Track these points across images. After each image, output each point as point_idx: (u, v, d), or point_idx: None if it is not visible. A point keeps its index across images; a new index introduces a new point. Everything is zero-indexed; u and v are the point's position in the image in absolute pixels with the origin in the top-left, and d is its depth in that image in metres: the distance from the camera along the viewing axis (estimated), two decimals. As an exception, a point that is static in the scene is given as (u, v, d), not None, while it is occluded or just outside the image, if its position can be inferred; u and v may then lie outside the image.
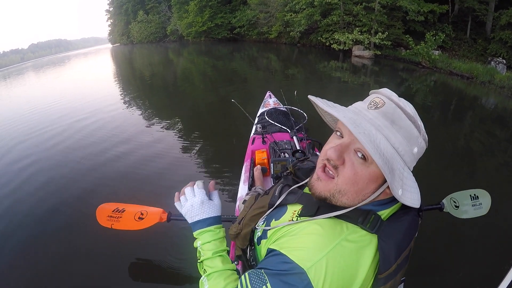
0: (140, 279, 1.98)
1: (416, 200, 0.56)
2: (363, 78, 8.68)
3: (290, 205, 0.72)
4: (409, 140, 0.55)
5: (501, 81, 7.15)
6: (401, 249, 0.56)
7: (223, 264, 0.74)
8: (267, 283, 0.56)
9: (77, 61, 30.82)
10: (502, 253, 2.00)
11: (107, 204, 1.67)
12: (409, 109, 0.56)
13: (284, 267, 0.55)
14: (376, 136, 0.53)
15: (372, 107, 0.57)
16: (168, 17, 32.37)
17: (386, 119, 0.55)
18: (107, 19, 53.35)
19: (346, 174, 0.56)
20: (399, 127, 0.55)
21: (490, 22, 10.97)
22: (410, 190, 0.56)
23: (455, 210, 1.57)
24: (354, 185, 0.56)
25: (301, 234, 0.60)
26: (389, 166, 0.52)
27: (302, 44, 16.56)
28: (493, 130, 4.70)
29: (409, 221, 0.59)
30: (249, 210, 0.89)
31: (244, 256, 0.87)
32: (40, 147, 4.50)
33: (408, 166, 0.57)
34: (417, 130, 0.56)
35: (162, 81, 10.59)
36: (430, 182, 2.75)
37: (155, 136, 4.51)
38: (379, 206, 0.60)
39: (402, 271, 0.58)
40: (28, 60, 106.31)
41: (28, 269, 2.11)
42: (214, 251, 0.76)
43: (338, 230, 0.57)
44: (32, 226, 2.60)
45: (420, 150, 0.58)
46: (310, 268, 0.53)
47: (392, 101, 0.56)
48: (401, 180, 0.54)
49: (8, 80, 19.88)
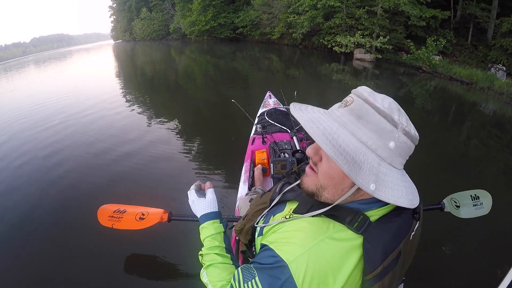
0: (140, 277, 1.99)
1: (403, 199, 0.56)
2: (363, 81, 8.73)
3: (289, 203, 0.75)
4: (380, 134, 0.55)
5: (500, 88, 7.21)
6: (387, 251, 0.55)
7: (217, 258, 0.81)
8: (255, 276, 0.60)
9: (79, 56, 30.75)
10: (502, 253, 2.00)
11: (108, 205, 1.68)
12: (379, 104, 0.56)
13: (270, 260, 0.59)
14: (336, 131, 0.55)
15: (342, 105, 0.59)
16: (171, 15, 32.40)
17: (352, 115, 0.57)
18: (110, 15, 53.39)
19: (322, 169, 0.60)
20: (366, 122, 0.56)
21: (491, 29, 11.06)
22: (393, 187, 0.56)
23: (456, 210, 1.56)
24: (331, 179, 0.59)
25: (289, 230, 0.63)
26: (349, 158, 0.53)
27: (304, 46, 16.60)
28: (493, 134, 4.74)
29: (399, 223, 0.59)
30: (253, 206, 0.93)
31: (249, 251, 0.92)
32: (41, 144, 4.47)
33: (388, 162, 0.57)
34: (391, 124, 0.55)
35: (164, 79, 10.58)
36: (430, 183, 2.76)
37: (156, 136, 4.50)
38: (366, 205, 0.60)
39: (392, 274, 0.57)
40: (30, 54, 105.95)
41: (28, 266, 2.13)
42: (209, 247, 0.83)
43: (324, 228, 0.59)
44: (33, 224, 2.59)
45: (401, 145, 0.56)
46: (292, 262, 0.56)
47: (361, 97, 0.57)
48: (373, 175, 0.54)
49: (10, 73, 19.79)
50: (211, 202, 0.94)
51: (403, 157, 0.59)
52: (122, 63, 18.79)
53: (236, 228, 0.98)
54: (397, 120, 0.55)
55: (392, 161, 0.57)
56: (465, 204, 1.57)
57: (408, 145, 0.58)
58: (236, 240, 1.37)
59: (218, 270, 0.79)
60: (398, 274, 0.60)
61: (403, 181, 0.58)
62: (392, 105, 0.57)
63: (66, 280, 1.98)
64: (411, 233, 0.60)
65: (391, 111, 0.55)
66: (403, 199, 0.56)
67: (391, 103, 0.57)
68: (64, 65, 21.36)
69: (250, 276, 0.61)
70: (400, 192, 0.56)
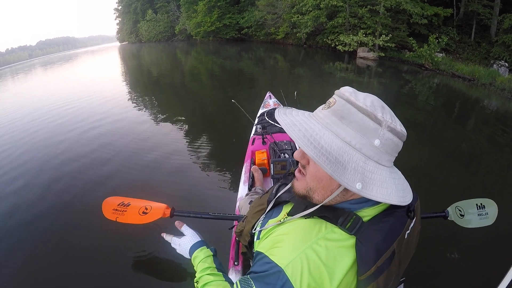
0: (141, 272, 2.02)
1: (393, 196, 0.56)
2: (367, 79, 8.93)
3: (286, 205, 0.75)
4: (363, 133, 0.55)
5: (502, 83, 7.33)
6: (380, 251, 0.55)
7: (210, 278, 0.86)
8: (252, 286, 0.59)
9: (85, 58, 30.89)
10: (502, 253, 1.99)
11: (113, 198, 1.69)
12: (361, 103, 0.56)
13: (265, 267, 0.58)
14: (318, 132, 0.56)
15: (326, 107, 0.60)
16: (177, 16, 32.69)
17: (335, 116, 0.57)
18: (115, 17, 53.90)
19: (310, 172, 0.61)
20: (349, 122, 0.56)
21: (494, 26, 11.09)
22: (381, 185, 0.56)
23: (460, 219, 1.52)
24: (319, 181, 0.60)
25: (282, 234, 0.63)
26: (332, 159, 0.54)
27: (309, 45, 16.80)
28: (497, 132, 4.69)
29: (392, 222, 0.59)
30: (252, 208, 0.94)
31: (249, 252, 0.94)
32: (49, 140, 4.64)
33: (375, 160, 0.56)
34: (375, 122, 0.55)
35: (169, 80, 10.73)
36: (434, 188, 2.77)
37: (159, 134, 4.57)
38: (356, 205, 0.61)
39: (386, 273, 0.57)
40: (36, 57, 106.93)
41: (33, 258, 2.18)
42: (202, 270, 0.90)
43: (316, 229, 0.59)
44: (38, 216, 2.65)
45: (386, 142, 0.56)
46: (287, 266, 0.55)
47: (342, 97, 0.58)
48: (359, 174, 0.54)
49: (17, 76, 20.08)
50: (192, 235, 1.06)
51: (391, 154, 0.58)
52: (129, 64, 18.98)
53: (237, 230, 1.01)
54: (380, 118, 0.55)
55: (379, 159, 0.57)
56: (469, 213, 1.53)
57: (395, 142, 0.57)
58: (236, 241, 1.40)
59: (213, 286, 0.82)
60: (395, 273, 0.60)
61: (392, 178, 0.58)
62: (375, 102, 0.57)
63: (69, 274, 2.02)
64: (406, 231, 0.60)
65: (374, 109, 0.55)
66: (392, 196, 0.56)
67: (374, 101, 0.57)
68: (73, 68, 21.62)
69: (247, 287, 0.61)
70: (389, 190, 0.56)
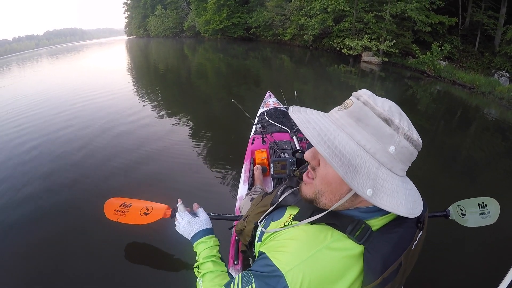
0: (142, 272, 2.05)
1: (402, 207, 0.54)
2: (370, 82, 9.17)
3: (289, 208, 0.74)
4: (379, 138, 0.53)
5: (501, 93, 7.52)
6: (387, 263, 0.54)
7: (214, 266, 0.86)
8: (252, 283, 0.60)
9: (92, 50, 31.03)
10: (502, 254, 1.99)
11: (115, 199, 1.71)
12: (379, 107, 0.54)
13: (267, 269, 0.59)
14: (333, 132, 0.54)
15: (342, 108, 0.58)
16: (186, 13, 32.90)
17: (351, 117, 0.55)
18: (124, 11, 54.49)
19: (320, 175, 0.59)
20: (365, 125, 0.54)
21: (498, 36, 11.25)
22: (392, 194, 0.54)
23: (462, 218, 1.50)
24: (328, 185, 0.58)
25: (286, 238, 0.62)
26: (345, 161, 0.52)
27: (315, 47, 17.01)
28: (496, 138, 4.83)
29: (401, 233, 0.57)
30: (254, 208, 0.94)
31: (249, 251, 0.96)
32: (50, 136, 4.56)
33: (388, 168, 0.54)
34: (391, 128, 0.53)
35: (175, 76, 10.85)
36: (435, 186, 2.79)
37: (162, 133, 4.55)
38: (366, 214, 0.59)
39: (391, 284, 0.56)
40: (43, 47, 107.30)
41: (36, 258, 2.18)
42: (206, 257, 0.89)
43: (322, 237, 0.57)
44: (41, 217, 2.65)
45: (401, 150, 0.54)
46: (288, 272, 0.55)
47: (360, 100, 0.56)
48: (371, 180, 0.52)
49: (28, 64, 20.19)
50: (206, 220, 1.04)
51: (405, 163, 0.56)
52: (135, 58, 19.09)
53: (237, 228, 1.01)
54: (397, 124, 0.53)
55: (393, 167, 0.54)
56: (471, 212, 1.52)
57: (410, 151, 0.55)
58: (236, 239, 1.41)
59: (213, 275, 0.83)
60: (398, 282, 0.59)
61: (404, 188, 0.56)
62: (393, 108, 0.55)
63: (71, 274, 2.03)
64: (414, 242, 0.59)
65: (392, 115, 0.53)
66: (401, 208, 0.54)
67: (392, 107, 0.55)
68: (79, 59, 21.70)
69: (247, 282, 0.62)
70: (399, 200, 0.54)
